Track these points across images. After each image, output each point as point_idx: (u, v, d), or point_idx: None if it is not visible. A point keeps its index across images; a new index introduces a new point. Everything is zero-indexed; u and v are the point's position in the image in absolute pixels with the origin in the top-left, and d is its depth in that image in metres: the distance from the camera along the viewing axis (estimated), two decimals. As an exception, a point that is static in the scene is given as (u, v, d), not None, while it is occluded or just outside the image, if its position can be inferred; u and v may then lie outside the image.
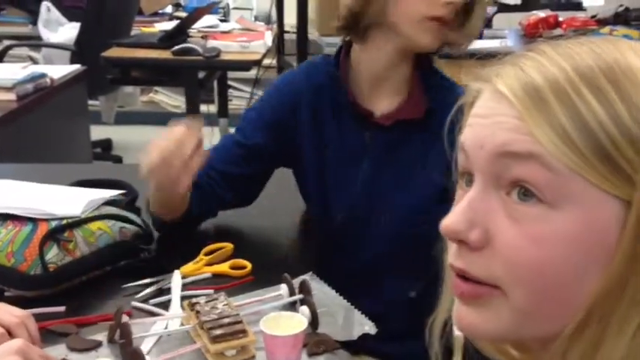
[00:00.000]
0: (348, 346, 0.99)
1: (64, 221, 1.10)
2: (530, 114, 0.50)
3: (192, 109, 2.87)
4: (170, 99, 4.60)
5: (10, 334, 0.91)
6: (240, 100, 4.42)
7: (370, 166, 1.22)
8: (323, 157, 1.24)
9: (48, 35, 3.40)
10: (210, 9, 3.22)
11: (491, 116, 0.53)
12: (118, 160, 3.85)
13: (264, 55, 2.88)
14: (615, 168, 0.48)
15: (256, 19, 4.28)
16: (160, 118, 4.51)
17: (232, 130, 1.33)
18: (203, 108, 2.98)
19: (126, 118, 4.28)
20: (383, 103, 1.21)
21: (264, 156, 1.26)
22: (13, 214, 1.10)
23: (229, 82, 4.04)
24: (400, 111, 1.20)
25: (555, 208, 0.49)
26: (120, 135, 4.23)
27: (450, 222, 0.52)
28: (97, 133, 3.48)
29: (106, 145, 4.07)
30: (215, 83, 3.75)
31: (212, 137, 3.66)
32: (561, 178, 0.49)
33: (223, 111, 3.74)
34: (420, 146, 1.19)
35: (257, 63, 2.83)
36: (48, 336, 0.97)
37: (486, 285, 0.52)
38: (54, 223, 1.09)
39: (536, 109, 0.50)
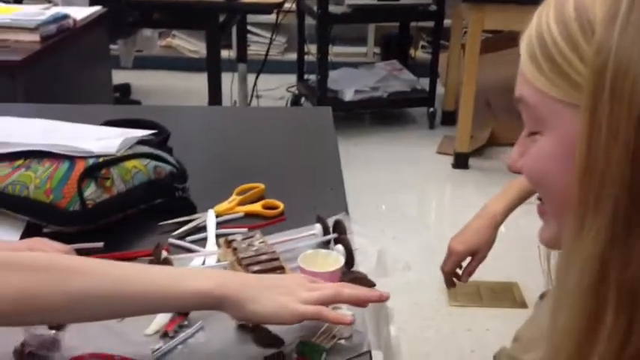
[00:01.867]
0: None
1: (101, 159, 1.11)
2: (524, 57, 0.62)
3: (212, 53, 2.84)
4: (188, 44, 4.57)
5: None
6: (258, 45, 4.38)
7: None
8: None
9: (67, -23, 3.36)
10: (230, -50, 3.16)
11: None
12: (137, 104, 3.85)
13: (286, -1, 2.85)
14: (562, 72, 0.58)
15: (275, -39, 4.21)
16: (178, 63, 4.53)
17: (251, 76, 1.33)
18: (222, 53, 2.96)
19: (144, 63, 4.27)
20: None
21: None
22: (49, 151, 1.11)
23: (248, 27, 4.00)
24: None
25: (541, 134, 0.62)
26: (138, 79, 4.22)
27: (509, 157, 0.68)
28: (116, 77, 3.46)
29: (125, 89, 4.07)
30: (233, 28, 3.71)
31: (232, 82, 3.66)
32: (538, 109, 0.61)
33: (242, 56, 3.72)
34: None
35: (279, 5, 2.79)
36: (88, 270, 0.99)
37: None
38: (91, 161, 1.10)
39: (528, 49, 0.61)
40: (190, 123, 1.70)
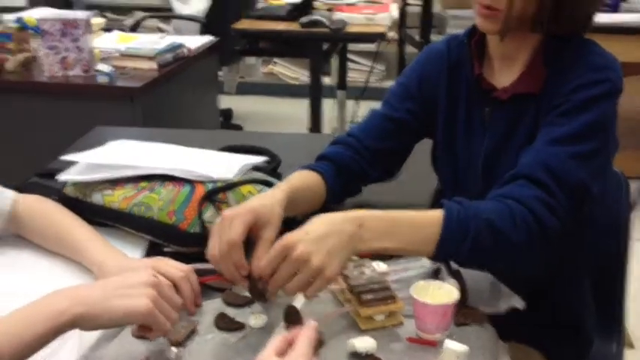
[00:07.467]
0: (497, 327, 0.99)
1: (218, 184, 1.16)
2: None
3: (315, 81, 2.91)
4: (289, 71, 4.69)
5: (176, 287, 0.98)
6: (357, 72, 4.44)
7: (489, 144, 1.18)
8: (454, 132, 1.23)
9: (179, 7, 3.54)
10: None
11: None
12: (239, 129, 3.97)
13: (389, 28, 2.88)
14: None
15: (378, -9, 4.26)
16: (279, 89, 4.65)
17: (350, 102, 1.37)
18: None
19: (246, 89, 4.40)
20: (506, 78, 1.17)
21: (412, 128, 1.27)
22: (171, 175, 1.17)
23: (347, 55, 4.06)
24: (516, 84, 1.15)
25: None
26: (240, 105, 4.36)
27: None
28: (220, 102, 3.61)
29: (228, 114, 4.20)
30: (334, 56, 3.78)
31: (333, 108, 3.72)
32: None
33: (342, 83, 3.77)
34: (533, 123, 1.13)
35: (382, 35, 2.82)
36: (205, 290, 1.03)
37: None
38: (210, 186, 1.15)
39: None
40: (295, 149, 1.74)
